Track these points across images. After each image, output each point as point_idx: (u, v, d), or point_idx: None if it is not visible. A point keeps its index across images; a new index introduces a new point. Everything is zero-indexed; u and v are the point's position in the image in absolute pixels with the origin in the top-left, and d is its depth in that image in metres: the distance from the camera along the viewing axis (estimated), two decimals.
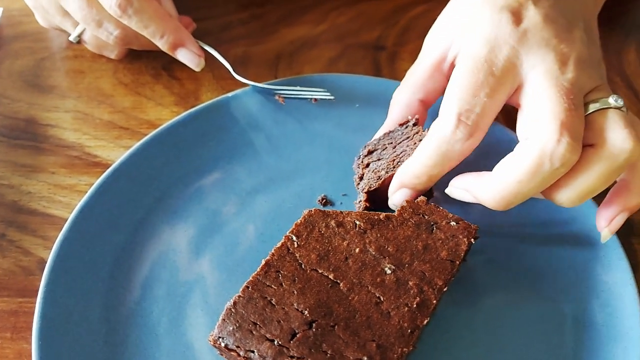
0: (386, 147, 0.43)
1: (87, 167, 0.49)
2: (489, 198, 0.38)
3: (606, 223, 0.40)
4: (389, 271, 0.38)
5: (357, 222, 0.40)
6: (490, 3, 0.40)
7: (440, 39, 0.43)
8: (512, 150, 0.38)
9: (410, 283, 0.37)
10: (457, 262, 0.38)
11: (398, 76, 0.56)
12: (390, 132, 0.44)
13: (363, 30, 0.61)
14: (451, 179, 0.41)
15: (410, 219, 0.40)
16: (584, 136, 0.37)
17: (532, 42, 0.38)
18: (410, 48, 0.59)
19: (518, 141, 0.38)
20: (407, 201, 0.41)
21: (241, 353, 0.35)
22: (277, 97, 0.51)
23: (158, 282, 0.42)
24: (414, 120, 0.43)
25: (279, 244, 0.39)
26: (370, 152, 0.44)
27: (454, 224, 0.40)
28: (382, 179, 0.42)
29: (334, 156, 0.48)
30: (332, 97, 0.51)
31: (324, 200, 0.46)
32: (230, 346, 0.35)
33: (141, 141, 0.47)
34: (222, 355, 0.38)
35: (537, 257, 0.44)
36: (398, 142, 0.43)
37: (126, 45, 0.52)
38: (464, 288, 0.42)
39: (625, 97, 0.57)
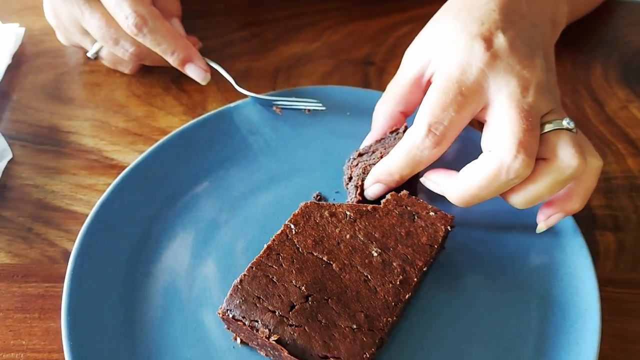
0: (376, 151, 0.48)
1: (104, 169, 0.55)
2: (452, 195, 0.44)
3: (544, 218, 0.47)
4: (375, 254, 0.43)
5: (348, 213, 0.45)
6: (466, 31, 0.45)
7: (419, 57, 0.48)
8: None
9: (394, 264, 0.43)
10: (436, 246, 0.44)
11: (385, 88, 0.62)
12: (382, 139, 0.49)
13: (354, 47, 0.67)
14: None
15: (395, 210, 0.45)
16: (539, 151, 0.42)
17: (500, 68, 0.43)
18: (396, 63, 0.64)
19: (482, 151, 0.44)
20: (391, 194, 0.46)
21: (246, 323, 0.40)
22: (274, 108, 0.56)
23: (170, 267, 0.47)
24: (403, 127, 0.48)
25: (279, 231, 0.44)
26: (360, 155, 0.49)
27: (433, 214, 0.45)
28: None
29: (327, 158, 0.54)
30: (323, 108, 0.56)
31: (319, 197, 0.51)
32: (237, 317, 0.40)
33: (154, 146, 0.53)
34: (228, 329, 0.43)
35: (508, 245, 0.49)
36: (389, 145, 0.48)
37: (139, 62, 0.58)
38: (444, 273, 0.47)
39: (591, 108, 0.63)
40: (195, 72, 0.56)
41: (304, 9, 0.70)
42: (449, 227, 0.45)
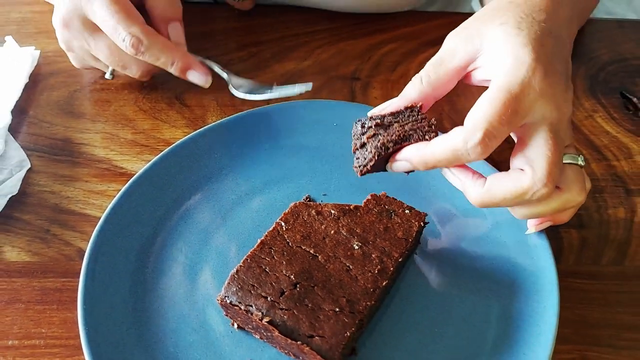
0: (392, 124, 0.48)
1: (115, 177, 0.60)
2: (474, 197, 0.47)
3: (536, 224, 0.52)
4: (357, 247, 0.48)
5: (333, 211, 0.51)
6: (523, 42, 0.45)
7: (466, 49, 0.48)
8: None
9: (373, 255, 0.48)
10: (410, 240, 0.49)
11: (369, 102, 0.68)
12: (396, 112, 0.49)
13: (342, 65, 0.73)
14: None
15: (374, 209, 0.51)
16: None
17: (549, 96, 0.45)
18: (380, 79, 0.71)
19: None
20: (372, 195, 0.52)
21: (242, 307, 0.45)
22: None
23: (175, 262, 0.52)
24: (419, 106, 0.48)
25: (271, 228, 0.49)
26: (377, 126, 0.48)
27: (408, 211, 0.51)
28: (390, 151, 0.48)
29: (315, 165, 0.59)
30: (309, 89, 0.60)
31: (308, 199, 0.57)
32: (234, 302, 0.45)
33: (159, 155, 0.58)
34: (226, 315, 0.48)
35: (478, 241, 0.54)
36: (405, 122, 0.48)
37: (149, 75, 0.63)
38: (420, 265, 0.53)
39: None
40: (196, 77, 0.61)
41: (296, 31, 0.76)
42: (422, 223, 0.50)
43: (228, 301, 0.45)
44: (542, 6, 0.49)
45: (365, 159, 0.48)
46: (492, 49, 0.47)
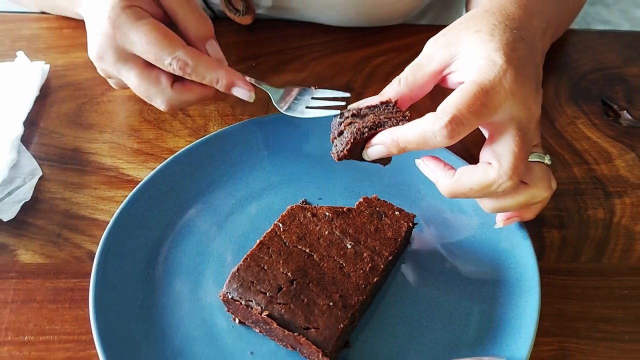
0: (367, 115, 0.52)
1: (122, 184, 0.64)
2: (444, 187, 0.51)
3: (504, 219, 0.55)
4: (349, 246, 0.52)
5: (327, 213, 0.54)
6: (496, 47, 0.49)
7: (443, 54, 0.52)
8: None
9: (365, 254, 0.51)
10: (399, 240, 0.53)
11: None
12: (371, 106, 0.52)
13: (336, 76, 0.76)
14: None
15: (366, 211, 0.54)
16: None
17: (518, 97, 0.48)
18: (373, 89, 0.74)
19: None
20: (364, 198, 0.55)
21: (243, 302, 0.48)
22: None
23: (180, 263, 0.56)
24: (394, 102, 0.52)
25: (269, 229, 0.53)
26: (354, 115, 0.53)
27: (397, 213, 0.54)
28: (365, 135, 0.51)
29: (311, 170, 0.63)
30: (348, 95, 0.63)
31: (304, 202, 0.60)
32: (235, 298, 0.49)
33: (163, 163, 0.62)
34: (228, 311, 0.52)
35: (464, 240, 0.58)
36: (380, 115, 0.52)
37: (174, 110, 0.64)
38: (409, 264, 0.56)
39: (542, 124, 0.71)
40: (240, 92, 0.61)
41: (292, 45, 0.80)
42: (410, 224, 0.54)
43: (230, 297, 0.49)
44: (515, 16, 0.53)
45: (342, 144, 0.52)
46: (467, 54, 0.51)
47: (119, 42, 0.59)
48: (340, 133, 0.53)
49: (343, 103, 0.63)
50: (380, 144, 0.51)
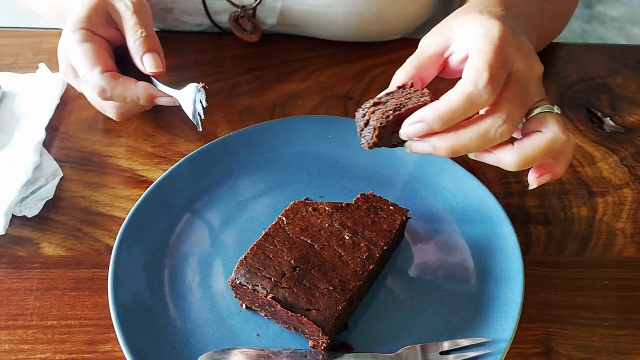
0: (388, 101, 0.52)
1: (137, 184, 0.68)
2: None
3: (537, 176, 0.54)
4: (347, 237, 0.56)
5: (327, 208, 0.59)
6: (485, 13, 0.53)
7: (439, 39, 0.55)
8: None
9: (362, 244, 0.56)
10: (394, 231, 0.57)
11: None
12: (390, 92, 0.53)
13: (337, 85, 0.81)
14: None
15: (363, 205, 0.59)
16: (534, 126, 0.51)
17: (520, 49, 0.51)
18: (372, 97, 0.79)
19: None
20: (361, 194, 0.60)
21: (250, 287, 0.53)
22: None
23: (191, 254, 0.60)
24: (410, 83, 0.53)
25: (274, 222, 0.57)
26: (375, 104, 0.53)
27: (392, 207, 0.59)
28: (391, 119, 0.51)
29: (313, 171, 0.68)
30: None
31: (306, 199, 0.65)
32: (242, 283, 0.53)
33: (175, 163, 0.67)
34: (236, 297, 0.56)
35: (455, 234, 0.62)
36: (399, 98, 0.52)
37: (124, 117, 0.70)
38: (403, 256, 0.60)
39: None
40: (164, 101, 0.65)
41: (296, 57, 0.85)
42: (404, 217, 0.58)
43: (238, 282, 0.53)
44: (498, 12, 0.56)
45: (370, 133, 0.52)
46: (462, 33, 0.54)
47: (69, 61, 0.66)
48: (366, 123, 0.52)
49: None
50: (420, 122, 0.50)
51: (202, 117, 0.64)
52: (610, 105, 0.81)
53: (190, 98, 0.64)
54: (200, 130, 0.65)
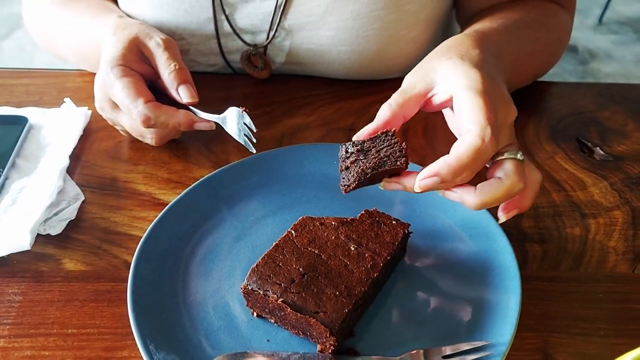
0: (370, 150, 0.57)
1: (154, 206, 0.73)
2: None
3: (505, 212, 0.60)
4: (353, 248, 0.60)
5: (333, 222, 0.63)
6: (466, 61, 0.59)
7: (425, 80, 0.60)
8: None
9: (366, 255, 0.59)
10: (396, 243, 0.61)
11: None
12: (373, 137, 0.58)
13: (341, 119, 0.87)
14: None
15: (367, 220, 0.63)
16: (496, 171, 0.57)
17: (500, 97, 0.58)
18: None
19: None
20: (365, 210, 0.64)
21: (261, 292, 0.56)
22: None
23: (205, 267, 0.64)
24: (392, 131, 0.57)
25: (283, 235, 0.61)
26: (356, 149, 0.58)
27: (394, 222, 0.63)
28: (369, 176, 0.56)
29: (319, 194, 0.72)
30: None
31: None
32: (254, 289, 0.56)
33: (190, 186, 0.71)
34: (247, 305, 0.59)
35: (457, 250, 0.65)
36: (380, 147, 0.57)
37: (162, 142, 0.77)
38: (405, 269, 0.64)
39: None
40: (202, 126, 0.73)
41: (303, 94, 0.91)
42: (406, 231, 0.62)
43: (250, 288, 0.57)
44: (474, 53, 0.63)
45: (349, 180, 0.58)
46: (446, 78, 0.60)
47: (109, 94, 0.73)
48: (347, 168, 0.59)
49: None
50: (435, 176, 0.55)
51: (253, 139, 0.71)
52: (599, 137, 0.85)
53: (234, 122, 0.71)
54: (254, 151, 0.72)
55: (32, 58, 2.86)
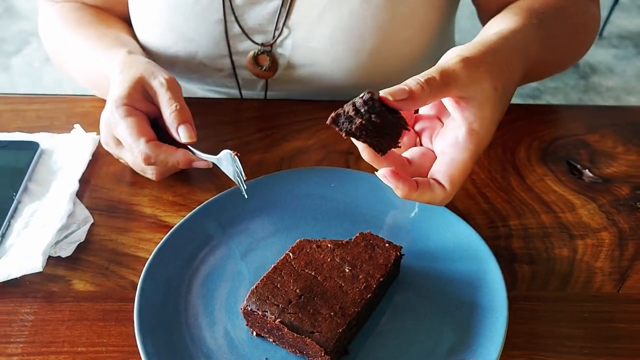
0: (376, 122, 0.58)
1: (159, 228, 0.76)
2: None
3: (391, 178, 0.59)
4: (347, 270, 0.63)
5: (329, 245, 0.66)
6: (493, 113, 0.61)
7: (466, 88, 0.59)
8: None
9: (360, 276, 0.62)
10: (389, 265, 0.64)
11: (360, 169, 0.84)
12: (386, 113, 0.57)
13: (338, 142, 0.90)
14: None
15: (361, 243, 0.66)
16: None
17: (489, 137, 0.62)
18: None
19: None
20: (359, 233, 0.67)
21: (260, 312, 0.59)
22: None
23: (207, 288, 0.67)
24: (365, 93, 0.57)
25: (281, 257, 0.65)
26: (367, 111, 0.57)
27: (387, 245, 0.66)
28: (377, 124, 0.57)
29: (318, 216, 0.75)
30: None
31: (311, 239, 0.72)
32: (253, 309, 0.59)
33: (194, 210, 0.75)
34: (247, 325, 0.62)
35: (446, 271, 0.68)
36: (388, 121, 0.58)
37: (162, 177, 0.80)
38: (398, 291, 0.67)
39: (515, 180, 0.84)
40: (200, 165, 0.76)
41: (302, 118, 0.95)
42: (398, 253, 0.65)
43: (249, 309, 0.60)
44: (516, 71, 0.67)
45: (349, 123, 0.58)
46: (476, 109, 0.60)
47: (113, 132, 0.78)
48: (350, 118, 0.58)
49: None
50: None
51: (244, 185, 0.74)
52: (589, 159, 0.88)
53: (228, 164, 0.75)
54: (246, 196, 0.74)
55: (40, 75, 2.92)
